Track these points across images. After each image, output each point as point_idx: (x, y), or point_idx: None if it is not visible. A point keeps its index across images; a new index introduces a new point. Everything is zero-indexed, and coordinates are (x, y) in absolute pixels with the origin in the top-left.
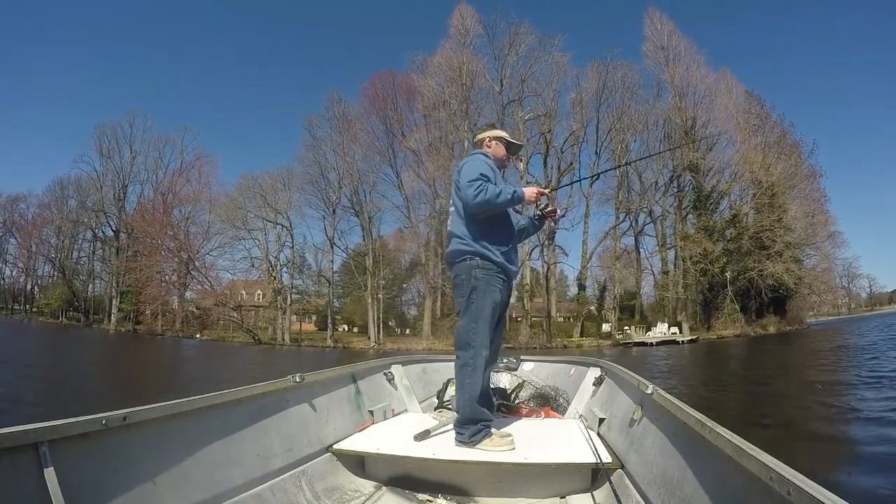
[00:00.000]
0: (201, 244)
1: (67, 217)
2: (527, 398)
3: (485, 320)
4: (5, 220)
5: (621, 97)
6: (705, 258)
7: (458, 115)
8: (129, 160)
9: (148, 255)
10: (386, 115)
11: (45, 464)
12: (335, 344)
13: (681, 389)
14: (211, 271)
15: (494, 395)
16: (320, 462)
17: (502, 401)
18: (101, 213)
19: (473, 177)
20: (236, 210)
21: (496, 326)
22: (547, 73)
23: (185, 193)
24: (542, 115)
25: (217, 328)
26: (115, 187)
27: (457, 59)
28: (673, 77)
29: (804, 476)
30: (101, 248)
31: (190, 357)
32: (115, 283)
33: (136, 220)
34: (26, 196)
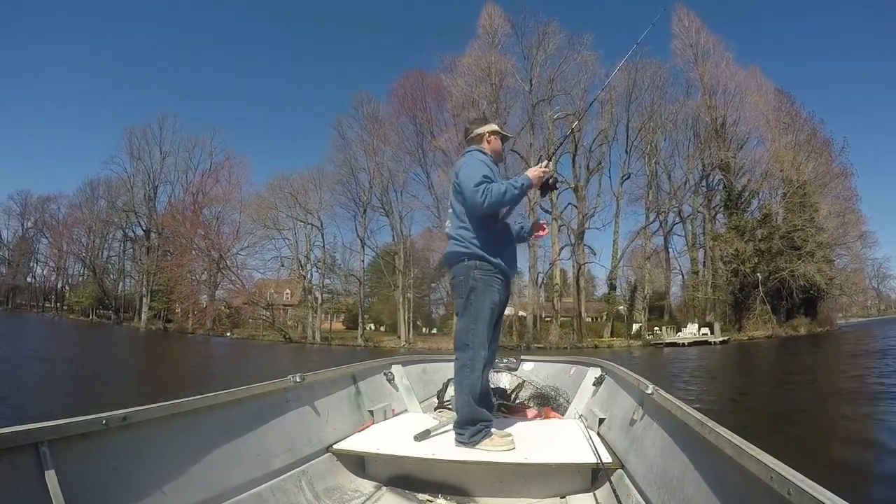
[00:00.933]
0: (232, 243)
1: (98, 217)
2: (527, 398)
3: (483, 321)
4: (36, 220)
5: (651, 96)
6: (737, 258)
7: (488, 115)
8: (158, 161)
9: (179, 254)
10: (415, 116)
11: (46, 464)
12: (366, 343)
13: (730, 395)
14: (241, 270)
15: (494, 395)
16: (320, 462)
17: (502, 401)
18: (132, 213)
19: (476, 181)
20: (267, 210)
21: (494, 327)
22: (575, 72)
23: (214, 193)
24: (570, 114)
25: (247, 327)
26: (146, 188)
27: (485, 58)
28: (702, 75)
29: (804, 476)
30: (132, 247)
31: (222, 354)
32: (145, 281)
33: (167, 220)
34: (57, 197)
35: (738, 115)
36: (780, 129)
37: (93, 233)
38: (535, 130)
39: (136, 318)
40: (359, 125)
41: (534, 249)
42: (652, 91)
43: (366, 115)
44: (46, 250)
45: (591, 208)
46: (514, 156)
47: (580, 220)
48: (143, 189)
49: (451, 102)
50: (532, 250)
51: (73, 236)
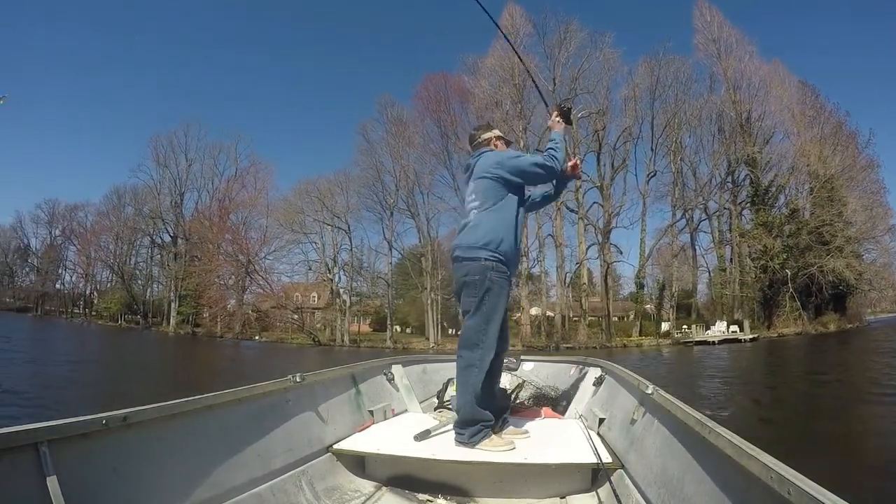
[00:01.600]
0: (259, 248)
1: (125, 224)
2: (527, 398)
3: (495, 322)
4: (64, 228)
5: (675, 92)
6: (765, 254)
7: (513, 116)
8: (184, 168)
9: (208, 259)
10: (439, 118)
11: (45, 464)
12: (394, 345)
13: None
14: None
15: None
16: (320, 462)
17: (507, 402)
18: (159, 220)
19: (533, 159)
20: (295, 214)
21: (501, 329)
22: (598, 71)
23: (240, 199)
24: (594, 112)
25: (275, 330)
26: (172, 194)
27: (508, 59)
28: (726, 69)
29: (804, 476)
30: (159, 253)
31: (251, 357)
32: (173, 286)
33: (194, 226)
34: (84, 205)
35: (763, 110)
36: (806, 123)
37: (120, 239)
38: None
39: (165, 323)
40: (383, 128)
41: (560, 249)
42: (676, 87)
43: (390, 118)
44: (75, 257)
45: (617, 206)
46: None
47: (606, 218)
48: (169, 196)
49: (474, 104)
50: (559, 250)
51: (100, 243)
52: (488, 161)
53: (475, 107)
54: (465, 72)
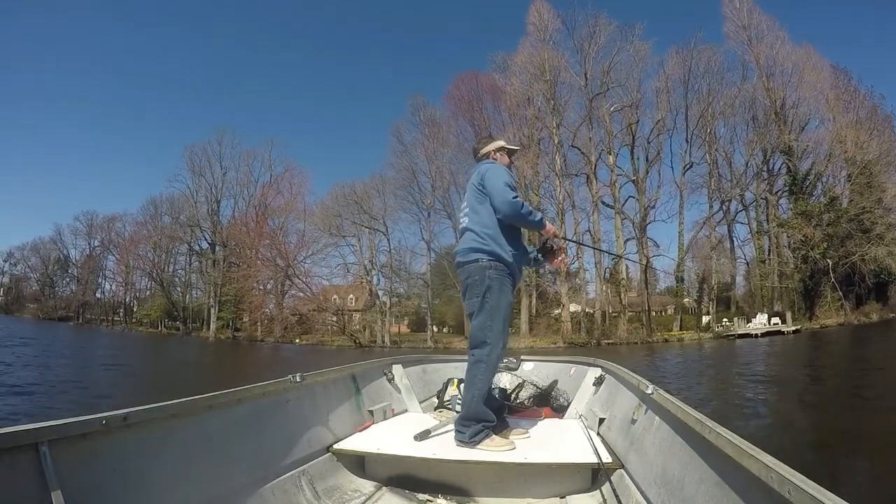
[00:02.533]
0: (297, 252)
1: (163, 233)
2: (527, 398)
3: (500, 319)
4: (103, 238)
5: (708, 82)
6: (805, 244)
7: (545, 112)
8: (220, 176)
9: (247, 265)
10: (472, 118)
11: (45, 464)
12: (435, 344)
13: (849, 389)
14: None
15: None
16: (320, 462)
17: (502, 401)
18: (196, 228)
19: (510, 184)
20: (332, 218)
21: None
22: (628, 64)
23: (276, 205)
24: (627, 105)
25: (315, 333)
26: (209, 202)
27: (539, 56)
28: (758, 56)
29: (804, 476)
30: (198, 260)
31: (294, 359)
32: (212, 292)
33: (232, 232)
34: (122, 216)
35: (798, 96)
36: (840, 108)
37: (158, 248)
38: (592, 125)
39: (205, 329)
40: (417, 130)
41: (598, 245)
42: (708, 77)
43: (423, 119)
44: (114, 267)
45: (652, 200)
46: (575, 152)
47: (641, 212)
48: (206, 204)
49: (506, 102)
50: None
51: (139, 252)
52: (476, 174)
53: (507, 105)
54: (495, 70)
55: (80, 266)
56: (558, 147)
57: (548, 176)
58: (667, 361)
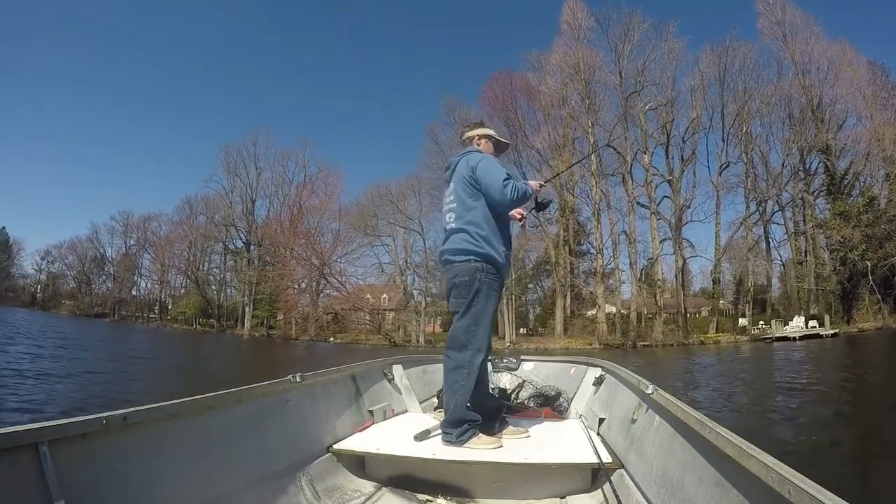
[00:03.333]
0: (332, 252)
1: (198, 232)
2: (527, 398)
3: (485, 324)
4: (139, 237)
5: (743, 80)
6: (844, 245)
7: (580, 112)
8: (254, 176)
9: (282, 264)
10: (507, 117)
11: (45, 464)
12: None
13: None
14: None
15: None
16: (320, 462)
17: (502, 401)
18: (232, 227)
19: (503, 176)
20: (368, 218)
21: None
22: (663, 62)
23: (311, 204)
24: (662, 104)
25: (350, 332)
26: (244, 202)
27: (573, 55)
28: (793, 53)
29: (804, 476)
30: (233, 259)
31: (329, 356)
32: (247, 291)
33: (268, 232)
34: (157, 215)
35: (834, 93)
36: (878, 105)
37: (193, 246)
38: (627, 124)
39: (239, 326)
40: (451, 130)
41: (633, 245)
42: (744, 74)
43: (457, 119)
44: (149, 265)
45: (687, 200)
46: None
47: (677, 212)
48: (241, 203)
49: (540, 101)
50: (632, 246)
51: (174, 251)
52: (465, 165)
53: (541, 104)
54: (529, 69)
55: (116, 264)
56: (594, 147)
57: (583, 175)
58: (703, 366)
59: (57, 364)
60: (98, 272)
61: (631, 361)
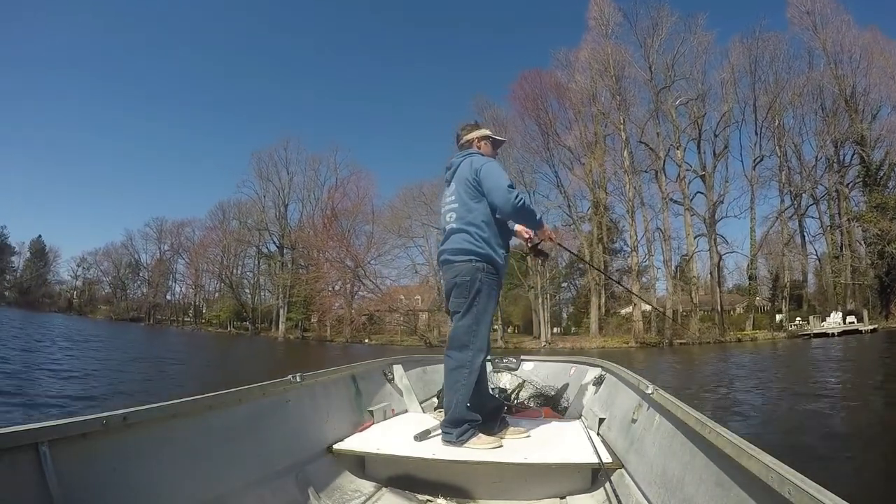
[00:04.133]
0: (366, 254)
1: (232, 236)
2: (527, 398)
3: (486, 324)
4: (172, 243)
5: (775, 71)
6: (881, 238)
7: (611, 108)
8: (286, 181)
9: (316, 267)
10: (538, 116)
11: (45, 464)
12: (506, 345)
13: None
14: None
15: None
16: (320, 462)
17: (502, 401)
18: (265, 231)
19: (509, 182)
20: (402, 220)
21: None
22: (692, 55)
23: (343, 207)
24: (692, 98)
25: (385, 333)
26: (276, 206)
27: (602, 51)
28: (824, 42)
29: (804, 476)
30: (266, 262)
31: (366, 358)
32: (281, 294)
33: (301, 235)
34: (191, 221)
35: (868, 82)
36: None
37: (227, 251)
38: (659, 119)
39: (273, 329)
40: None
41: (669, 243)
42: (775, 66)
43: (487, 119)
44: (184, 270)
45: (721, 195)
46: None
47: (710, 208)
48: (273, 208)
49: (570, 99)
50: (667, 243)
51: (208, 256)
52: (469, 167)
53: (571, 102)
54: (557, 67)
55: (151, 269)
56: (626, 143)
57: (615, 172)
58: (745, 365)
59: (99, 363)
60: (133, 277)
61: (668, 361)
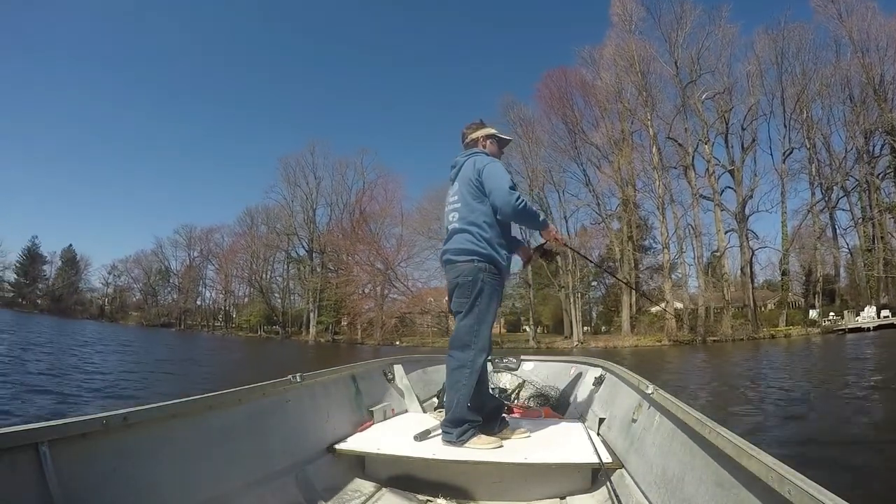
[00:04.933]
0: (396, 256)
1: (260, 242)
2: (527, 398)
3: (488, 324)
4: (202, 249)
5: (802, 62)
6: None
7: (637, 105)
8: (314, 186)
9: (346, 270)
10: (564, 114)
11: (45, 464)
12: (538, 345)
13: None
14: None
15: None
16: (320, 462)
17: (502, 401)
18: (294, 236)
19: (511, 183)
20: (432, 221)
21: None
22: (717, 48)
23: (371, 210)
24: (719, 92)
25: (416, 335)
26: (305, 210)
27: (626, 47)
28: (850, 31)
29: (804, 476)
30: (296, 267)
31: None
32: (311, 297)
33: (330, 239)
34: (220, 227)
35: None
36: None
37: (256, 256)
38: (687, 114)
39: (304, 332)
40: (509, 129)
41: (699, 239)
42: (802, 56)
43: (514, 119)
44: (214, 275)
45: (750, 189)
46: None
47: (739, 203)
48: (302, 212)
49: (595, 97)
50: (698, 240)
51: (238, 261)
52: (472, 167)
53: (597, 100)
54: (582, 64)
55: (181, 276)
56: (654, 139)
57: (643, 169)
58: (782, 364)
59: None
60: (163, 284)
61: (699, 360)
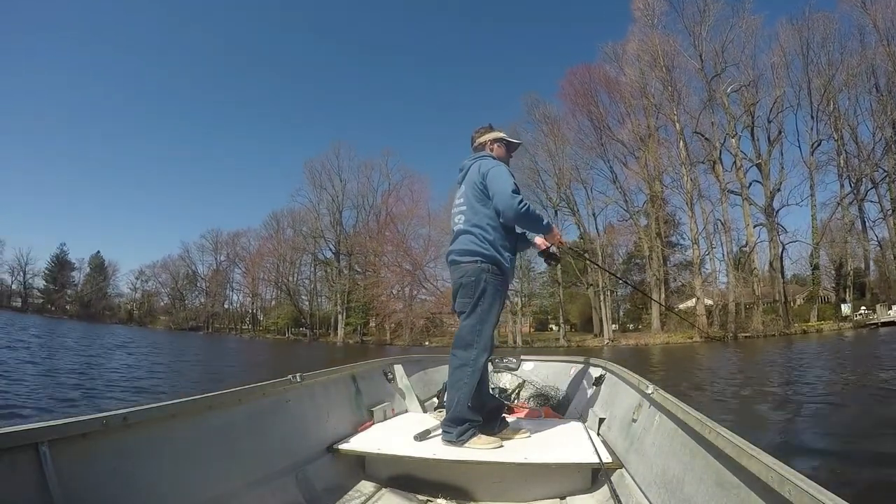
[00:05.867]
0: (424, 256)
1: (288, 245)
2: (527, 398)
3: (490, 324)
4: (229, 253)
5: (828, 52)
6: None
7: (662, 100)
8: (340, 188)
9: (374, 272)
10: (589, 112)
11: (45, 464)
12: (568, 343)
13: None
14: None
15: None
16: (320, 462)
17: (502, 401)
18: (321, 238)
19: (514, 187)
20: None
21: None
22: (741, 41)
23: (398, 211)
24: (745, 85)
25: (446, 335)
26: (331, 213)
27: (650, 42)
28: (874, 18)
29: (804, 476)
30: (323, 269)
31: None
32: (339, 299)
33: (357, 241)
34: (246, 231)
35: None
36: None
37: (283, 259)
38: (713, 108)
39: (332, 334)
40: (534, 128)
41: (729, 234)
42: (827, 46)
43: (538, 117)
44: (241, 279)
45: (778, 183)
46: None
47: (767, 196)
48: (328, 215)
49: (621, 93)
50: (727, 235)
51: (265, 264)
52: (477, 170)
53: (622, 96)
54: (605, 61)
55: (208, 280)
56: (680, 134)
57: (671, 165)
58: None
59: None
60: (191, 288)
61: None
